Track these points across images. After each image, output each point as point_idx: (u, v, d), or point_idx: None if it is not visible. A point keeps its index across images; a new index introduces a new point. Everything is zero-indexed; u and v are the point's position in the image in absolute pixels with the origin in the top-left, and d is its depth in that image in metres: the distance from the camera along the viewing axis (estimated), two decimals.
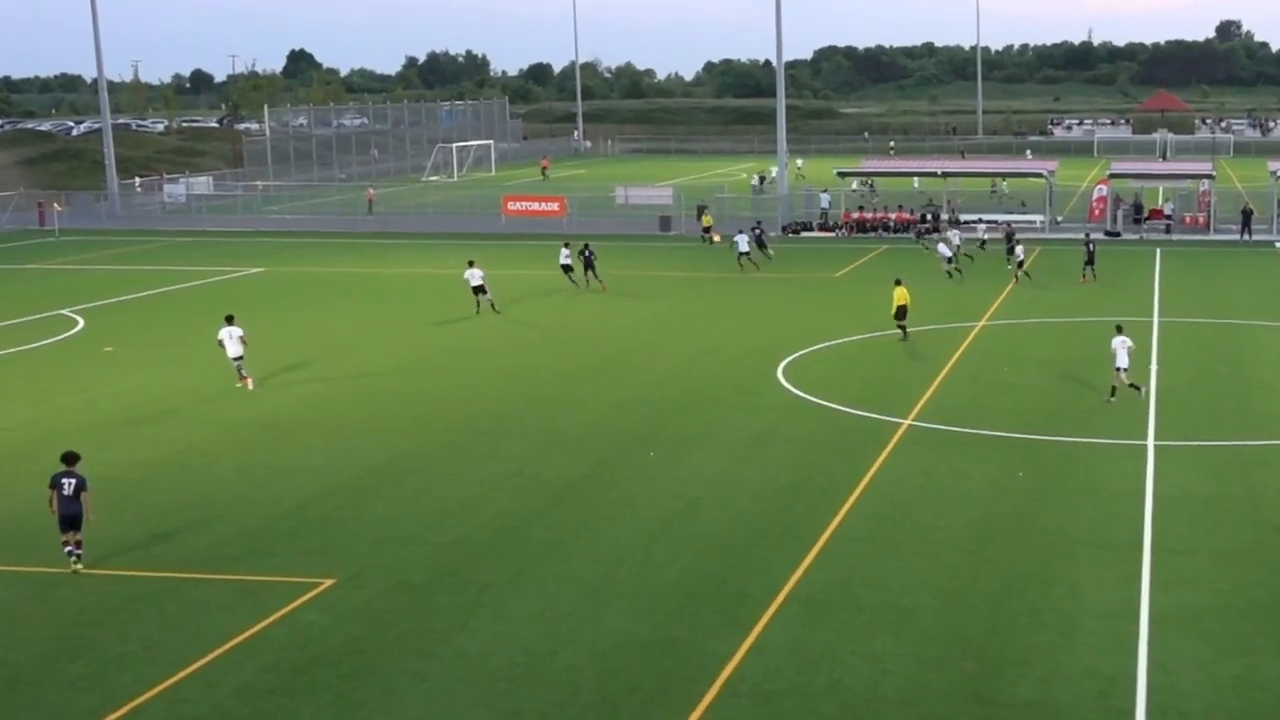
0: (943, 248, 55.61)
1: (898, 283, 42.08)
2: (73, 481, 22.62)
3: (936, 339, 41.96)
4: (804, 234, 72.13)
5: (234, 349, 35.92)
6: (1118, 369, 33.30)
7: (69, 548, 22.55)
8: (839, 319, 45.60)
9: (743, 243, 58.40)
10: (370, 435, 31.13)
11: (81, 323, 46.95)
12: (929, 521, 24.63)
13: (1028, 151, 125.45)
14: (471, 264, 47.95)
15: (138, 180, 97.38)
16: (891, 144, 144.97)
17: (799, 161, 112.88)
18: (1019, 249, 54.46)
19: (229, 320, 36.58)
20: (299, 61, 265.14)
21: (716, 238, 67.28)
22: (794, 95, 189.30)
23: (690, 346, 41.43)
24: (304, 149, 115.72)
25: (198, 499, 26.54)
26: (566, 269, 53.44)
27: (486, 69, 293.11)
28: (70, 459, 22.97)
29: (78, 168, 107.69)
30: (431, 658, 19.02)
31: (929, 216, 72.27)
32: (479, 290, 46.82)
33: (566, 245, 54.70)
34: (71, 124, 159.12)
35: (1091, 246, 54.19)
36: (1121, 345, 33.34)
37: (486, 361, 39.44)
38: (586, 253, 53.40)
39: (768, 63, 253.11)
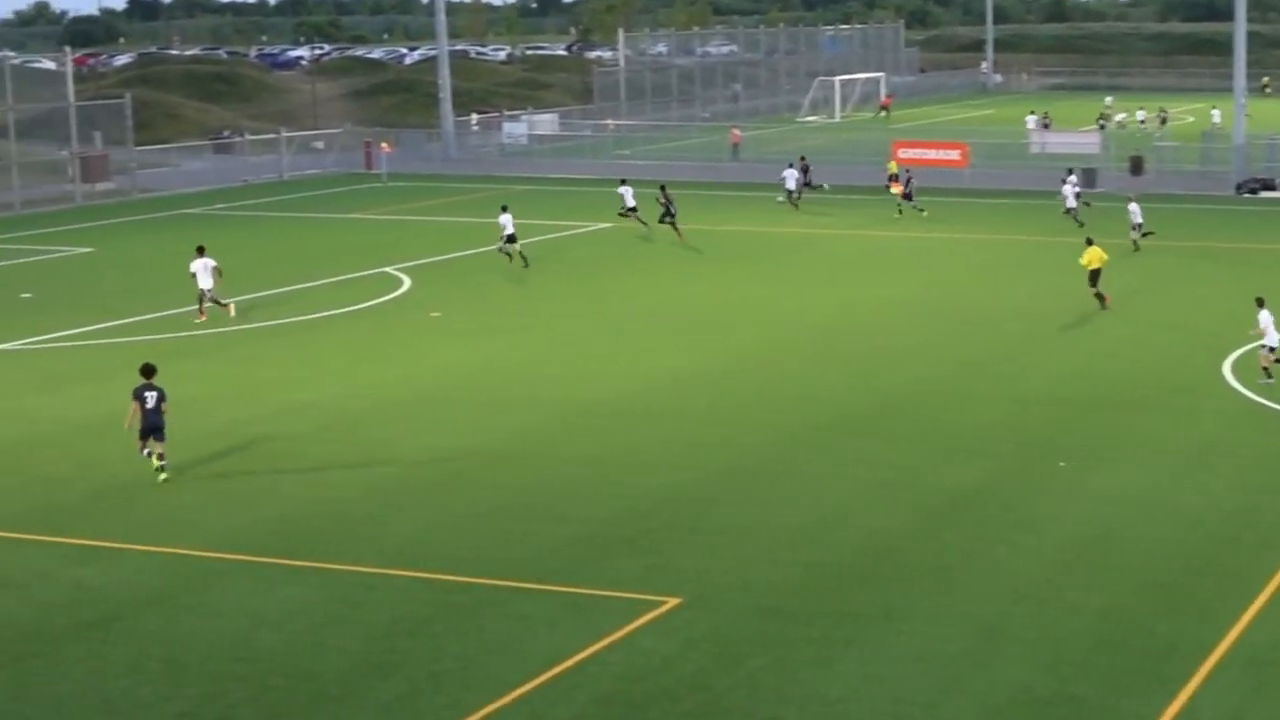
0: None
1: (1089, 242, 43.02)
2: (155, 394, 27.26)
3: None
4: (1263, 194, 69.08)
5: (206, 280, 41.36)
6: (1269, 348, 33.91)
7: (153, 456, 27.27)
8: None
9: (790, 179, 64.38)
10: (724, 427, 31.47)
11: (407, 283, 49.03)
12: None
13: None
14: (505, 209, 50.84)
15: (474, 117, 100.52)
16: (1266, 80, 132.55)
17: (1108, 99, 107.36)
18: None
19: (200, 251, 41.68)
20: None
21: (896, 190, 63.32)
22: (1257, 19, 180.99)
23: (1112, 331, 40.25)
24: (662, 82, 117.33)
25: (523, 495, 27.33)
26: (632, 210, 56.61)
27: None
28: (148, 371, 27.72)
29: (409, 101, 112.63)
30: (788, 701, 19.06)
31: None
32: (511, 239, 49.97)
33: (625, 183, 57.92)
34: (404, 51, 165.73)
35: None
36: (1269, 320, 33.91)
37: (865, 341, 39.36)
38: (664, 199, 55.28)
39: None
